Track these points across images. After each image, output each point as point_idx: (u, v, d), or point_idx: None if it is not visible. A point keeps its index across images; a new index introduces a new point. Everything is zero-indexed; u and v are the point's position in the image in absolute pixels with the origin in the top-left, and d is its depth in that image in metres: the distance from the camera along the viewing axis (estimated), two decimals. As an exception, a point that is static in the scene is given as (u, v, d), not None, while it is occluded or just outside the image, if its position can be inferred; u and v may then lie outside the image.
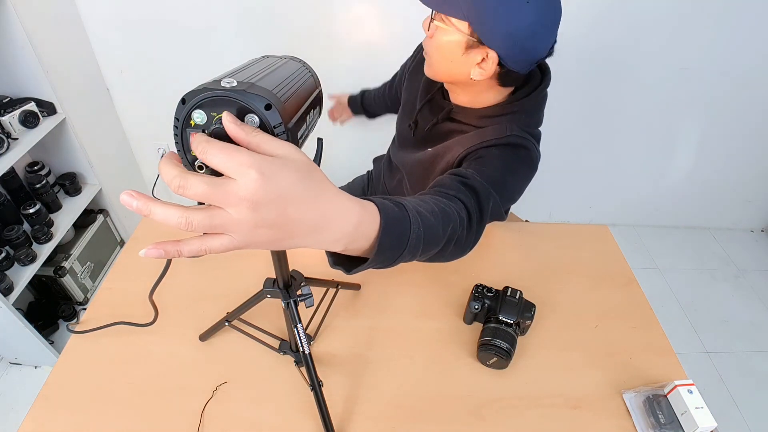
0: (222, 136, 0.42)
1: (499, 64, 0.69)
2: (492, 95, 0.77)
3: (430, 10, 0.71)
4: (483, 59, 0.69)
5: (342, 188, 1.45)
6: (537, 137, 0.79)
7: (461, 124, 0.81)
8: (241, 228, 0.31)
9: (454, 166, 0.76)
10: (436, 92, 0.88)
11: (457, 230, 0.56)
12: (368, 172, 1.31)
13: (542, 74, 0.79)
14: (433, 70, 0.77)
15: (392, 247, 0.44)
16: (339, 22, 1.51)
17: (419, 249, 0.49)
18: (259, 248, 0.34)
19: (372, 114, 1.28)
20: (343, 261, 0.47)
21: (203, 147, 0.32)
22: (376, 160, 1.26)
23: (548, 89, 0.80)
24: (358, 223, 0.39)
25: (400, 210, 0.46)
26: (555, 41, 0.70)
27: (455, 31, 0.68)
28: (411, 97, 0.96)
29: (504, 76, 0.72)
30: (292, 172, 0.32)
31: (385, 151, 1.23)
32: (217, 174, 0.33)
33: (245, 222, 0.31)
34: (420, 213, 0.49)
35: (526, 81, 0.77)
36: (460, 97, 0.81)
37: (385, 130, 1.46)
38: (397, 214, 0.45)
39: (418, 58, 0.99)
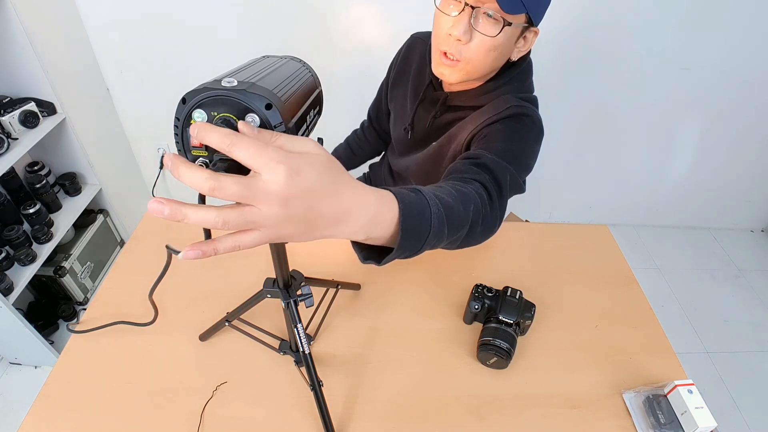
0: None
1: None
2: (490, 70, 0.78)
3: (455, 15, 0.68)
4: (524, 37, 0.73)
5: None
6: (534, 102, 0.81)
7: (460, 109, 0.82)
8: (272, 223, 0.33)
9: (462, 151, 0.76)
10: (426, 88, 0.87)
11: (480, 210, 0.56)
12: (364, 174, 1.31)
13: None
14: (472, 72, 0.74)
15: (416, 231, 0.44)
16: (339, 22, 1.51)
17: (444, 232, 0.48)
18: (287, 241, 0.36)
19: (359, 160, 1.24)
20: (373, 255, 0.47)
21: (231, 139, 0.32)
22: (373, 167, 1.24)
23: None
24: (377, 211, 0.40)
25: (417, 195, 0.46)
26: None
27: (514, 26, 0.69)
28: (401, 102, 0.96)
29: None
30: (316, 167, 0.33)
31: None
32: (228, 169, 0.34)
33: (275, 217, 0.32)
34: (437, 196, 0.49)
35: None
36: (456, 85, 0.80)
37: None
38: (414, 198, 0.45)
39: (397, 67, 0.97)
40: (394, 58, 0.99)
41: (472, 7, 0.67)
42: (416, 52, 0.92)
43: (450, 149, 0.81)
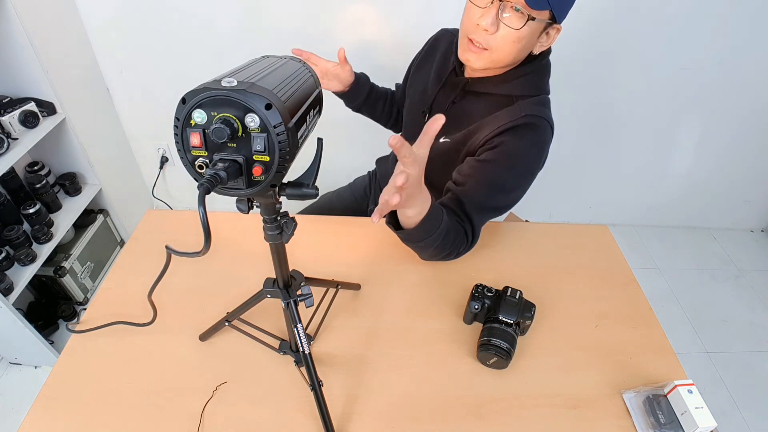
0: (223, 135, 0.42)
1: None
2: (511, 61, 0.83)
3: (484, 7, 0.74)
4: (547, 33, 0.77)
5: (344, 188, 1.46)
6: (548, 104, 0.86)
7: (478, 96, 0.86)
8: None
9: (476, 151, 0.84)
10: (449, 75, 0.92)
11: (460, 248, 0.83)
12: (369, 172, 1.31)
13: None
14: (497, 61, 0.80)
15: (427, 228, 0.73)
16: (339, 22, 1.51)
17: (437, 242, 0.76)
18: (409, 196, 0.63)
19: (370, 102, 1.16)
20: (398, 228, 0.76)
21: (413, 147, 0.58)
22: (380, 161, 1.25)
23: (550, 87, 0.86)
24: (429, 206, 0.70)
25: (440, 211, 0.75)
26: None
27: (537, 21, 0.73)
28: (421, 87, 0.99)
29: None
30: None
31: (387, 151, 1.23)
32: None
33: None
34: (447, 222, 0.76)
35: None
36: (478, 71, 0.85)
37: (386, 131, 1.46)
38: (437, 211, 0.73)
39: (422, 55, 1.02)
40: (421, 48, 1.05)
41: (500, 0, 0.72)
42: (443, 42, 0.99)
43: (464, 150, 0.86)
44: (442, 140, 0.91)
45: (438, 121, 0.56)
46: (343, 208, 1.27)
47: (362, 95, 1.10)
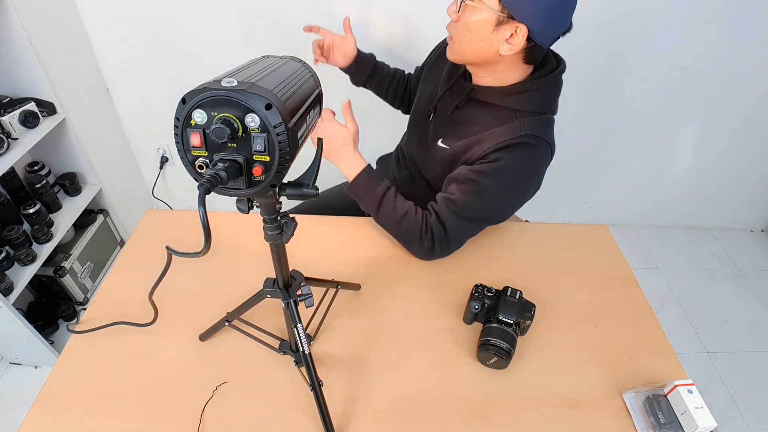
0: (223, 135, 0.42)
1: (527, 39, 0.73)
2: (515, 73, 0.82)
3: None
4: (512, 34, 0.73)
5: (342, 185, 1.47)
6: (550, 124, 0.85)
7: (483, 105, 0.86)
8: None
9: (471, 163, 0.84)
10: (458, 78, 0.92)
11: (415, 237, 0.87)
12: None
13: (557, 61, 0.85)
14: (459, 53, 0.80)
15: (360, 186, 0.90)
16: (339, 23, 1.51)
17: (374, 207, 0.89)
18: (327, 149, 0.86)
19: (375, 80, 1.18)
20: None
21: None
22: (381, 160, 1.26)
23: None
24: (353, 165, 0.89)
25: (380, 182, 0.90)
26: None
27: (486, 9, 0.72)
28: (430, 87, 1.00)
29: (530, 51, 0.77)
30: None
31: (387, 150, 1.24)
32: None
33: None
34: (389, 196, 0.88)
35: (543, 65, 0.83)
36: (483, 79, 0.85)
37: (387, 130, 1.46)
38: (375, 180, 0.90)
39: (438, 52, 1.03)
40: (437, 44, 1.06)
41: None
42: None
43: (461, 159, 0.86)
44: (441, 144, 0.91)
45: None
46: (341, 206, 1.27)
47: (366, 71, 1.15)
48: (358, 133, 0.89)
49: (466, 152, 0.85)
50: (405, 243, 0.91)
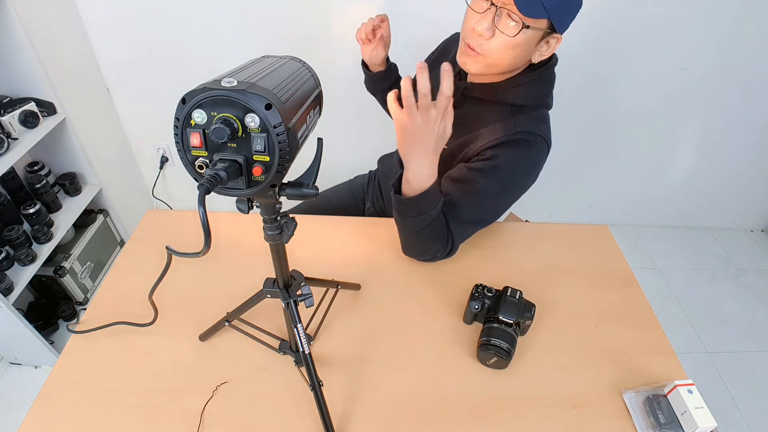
0: (223, 135, 0.42)
1: None
2: (515, 70, 0.83)
3: (481, 13, 0.74)
4: (547, 42, 0.76)
5: (343, 185, 1.46)
6: (546, 120, 0.86)
7: (478, 102, 0.86)
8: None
9: (468, 160, 0.85)
10: (453, 78, 0.91)
11: (438, 251, 0.86)
12: (370, 171, 1.31)
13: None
14: (495, 66, 0.79)
15: (423, 203, 0.77)
16: (339, 22, 1.51)
17: (424, 226, 0.80)
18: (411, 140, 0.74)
19: (386, 82, 1.16)
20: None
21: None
22: (382, 159, 1.26)
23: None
24: (430, 175, 0.76)
25: (439, 197, 0.79)
26: None
27: (534, 29, 0.73)
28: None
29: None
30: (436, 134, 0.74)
31: (387, 150, 1.24)
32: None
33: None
34: (440, 214, 0.80)
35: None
36: (480, 77, 0.85)
37: (388, 129, 1.46)
38: (437, 195, 0.78)
39: (436, 54, 1.03)
40: (434, 49, 1.07)
41: (497, 7, 0.72)
42: (455, 44, 1.00)
43: (459, 157, 0.86)
44: None
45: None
46: (341, 206, 1.27)
47: (390, 79, 1.13)
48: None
49: (463, 149, 0.85)
50: (414, 250, 0.90)
